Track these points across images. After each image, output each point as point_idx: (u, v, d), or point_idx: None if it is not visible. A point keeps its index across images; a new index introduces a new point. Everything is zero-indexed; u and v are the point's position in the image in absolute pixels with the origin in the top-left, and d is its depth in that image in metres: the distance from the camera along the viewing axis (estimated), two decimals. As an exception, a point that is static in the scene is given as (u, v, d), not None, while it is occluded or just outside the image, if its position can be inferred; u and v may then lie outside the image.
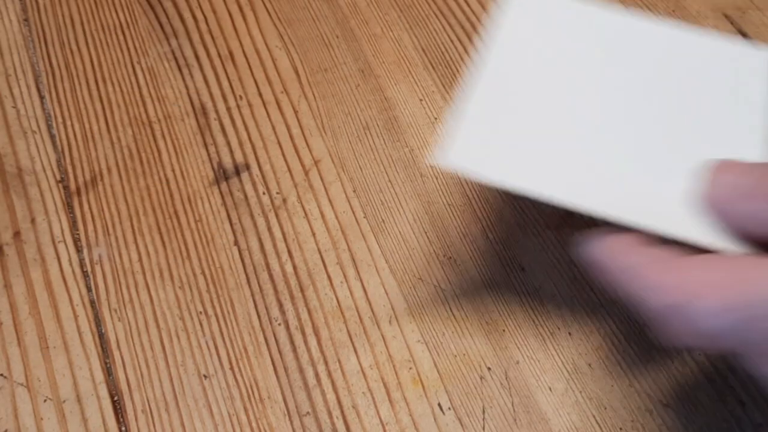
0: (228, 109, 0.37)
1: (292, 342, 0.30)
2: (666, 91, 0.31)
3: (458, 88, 0.34)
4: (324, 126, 0.36)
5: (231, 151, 0.35)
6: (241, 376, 0.29)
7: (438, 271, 0.32)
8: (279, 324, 0.31)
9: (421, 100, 0.37)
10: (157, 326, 0.30)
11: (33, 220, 0.33)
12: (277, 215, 0.34)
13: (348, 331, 0.31)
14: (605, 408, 0.29)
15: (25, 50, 0.39)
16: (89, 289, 0.31)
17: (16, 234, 0.33)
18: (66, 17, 0.40)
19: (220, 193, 0.34)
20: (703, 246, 0.25)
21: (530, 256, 0.32)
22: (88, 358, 0.30)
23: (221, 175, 0.35)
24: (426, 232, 0.33)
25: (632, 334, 0.31)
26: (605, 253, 0.24)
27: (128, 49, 0.39)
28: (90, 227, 0.33)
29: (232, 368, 0.30)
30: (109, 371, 0.29)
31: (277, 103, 0.37)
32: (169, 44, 0.39)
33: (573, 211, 0.26)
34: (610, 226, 0.25)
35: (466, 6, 0.41)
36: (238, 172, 0.35)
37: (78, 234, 0.33)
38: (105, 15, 0.40)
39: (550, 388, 0.29)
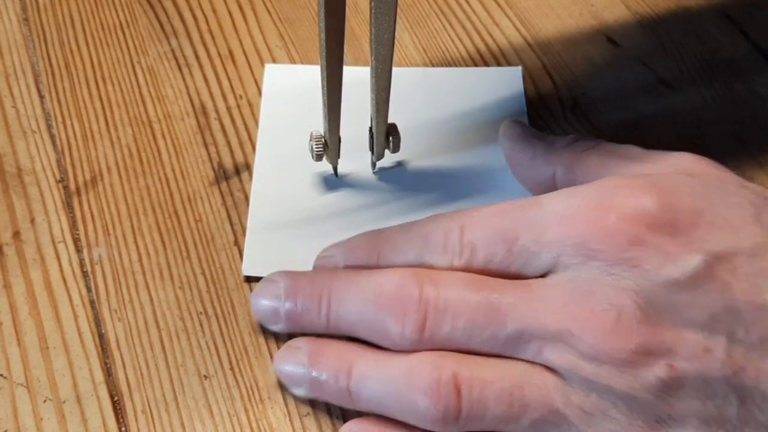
0: (228, 108, 0.37)
1: (292, 342, 0.30)
2: (440, 120, 0.35)
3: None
4: (324, 126, 0.36)
5: (231, 151, 0.35)
6: (242, 376, 0.29)
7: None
8: (279, 324, 0.31)
9: (421, 99, 0.37)
10: (157, 326, 0.30)
11: (33, 220, 0.33)
12: (277, 215, 0.33)
13: (348, 332, 0.31)
14: (606, 408, 0.29)
15: (24, 50, 0.39)
16: (89, 289, 0.31)
17: (16, 234, 0.33)
18: (66, 17, 0.40)
19: (221, 192, 0.34)
20: None
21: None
22: (87, 359, 0.30)
23: (221, 175, 0.35)
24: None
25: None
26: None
27: (128, 48, 0.39)
28: (90, 227, 0.33)
29: (232, 369, 0.29)
30: (109, 372, 0.29)
31: (278, 102, 0.37)
32: (169, 44, 0.39)
33: None
34: None
35: (466, 6, 0.41)
36: (238, 172, 0.35)
37: (78, 234, 0.33)
38: (105, 14, 0.40)
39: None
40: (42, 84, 0.37)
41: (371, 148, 0.33)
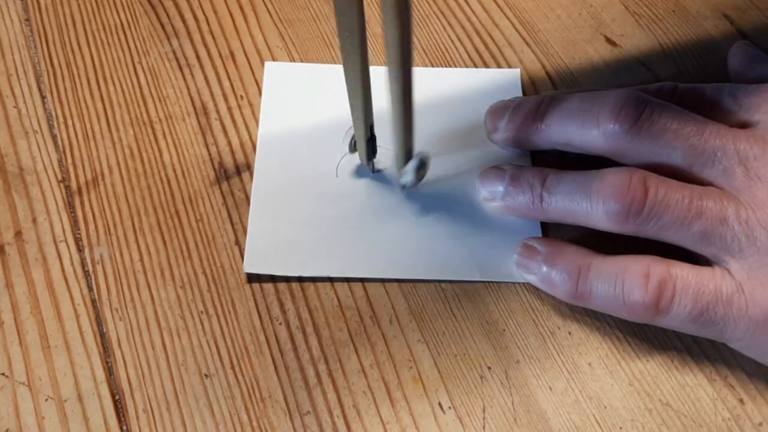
0: (229, 108, 0.37)
1: (292, 341, 0.30)
2: (438, 120, 0.35)
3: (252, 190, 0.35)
4: (325, 126, 0.36)
5: (232, 151, 0.35)
6: (242, 375, 0.29)
7: (438, 270, 0.32)
8: (280, 323, 0.31)
9: (421, 100, 0.37)
10: (159, 325, 0.31)
11: (34, 220, 0.33)
12: (277, 215, 0.34)
13: (349, 331, 0.31)
14: (605, 407, 0.29)
15: (26, 50, 0.39)
16: (90, 289, 0.31)
17: (18, 234, 0.33)
18: (67, 17, 0.40)
19: (221, 192, 0.34)
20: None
21: (530, 255, 0.33)
22: (89, 358, 0.30)
23: (222, 175, 0.35)
24: (426, 232, 0.33)
25: (632, 334, 0.31)
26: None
27: (129, 48, 0.39)
28: (91, 227, 0.33)
29: (233, 367, 0.30)
30: (110, 370, 0.30)
31: (278, 103, 0.37)
32: (170, 44, 0.39)
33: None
34: None
35: (466, 6, 0.41)
36: (239, 172, 0.35)
37: (79, 233, 0.33)
38: (106, 15, 0.40)
39: (550, 388, 0.30)
40: (44, 84, 0.37)
41: (355, 149, 0.34)
